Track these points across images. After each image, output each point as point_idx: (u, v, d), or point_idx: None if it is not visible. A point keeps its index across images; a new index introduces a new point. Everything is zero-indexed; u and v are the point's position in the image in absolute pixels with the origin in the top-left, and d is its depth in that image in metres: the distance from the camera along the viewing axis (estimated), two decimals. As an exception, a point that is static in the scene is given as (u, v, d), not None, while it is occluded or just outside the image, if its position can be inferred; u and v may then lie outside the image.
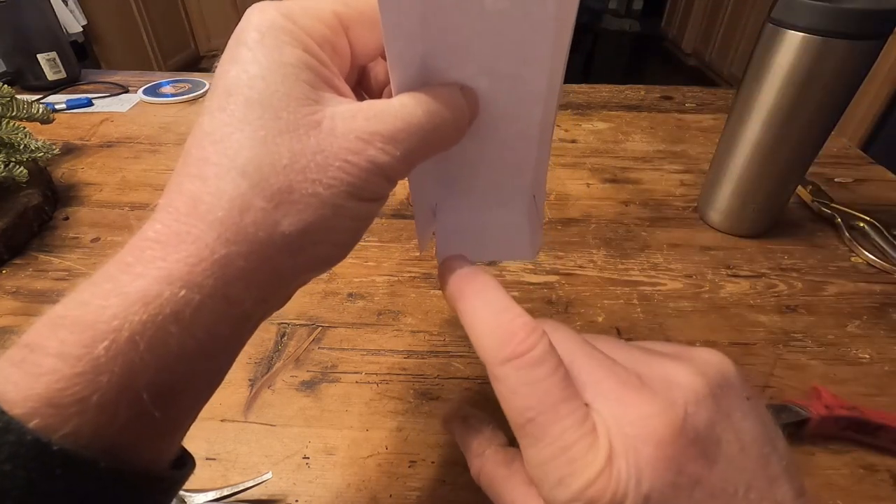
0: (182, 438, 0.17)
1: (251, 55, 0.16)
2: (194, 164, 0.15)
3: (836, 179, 0.57)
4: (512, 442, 0.20)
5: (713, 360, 0.18)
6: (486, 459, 0.20)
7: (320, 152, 0.15)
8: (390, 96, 0.18)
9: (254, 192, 0.15)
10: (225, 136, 0.15)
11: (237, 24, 0.17)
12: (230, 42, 0.17)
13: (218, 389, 0.17)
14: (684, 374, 0.17)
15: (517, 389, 0.16)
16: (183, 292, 0.14)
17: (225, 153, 0.15)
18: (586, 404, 0.16)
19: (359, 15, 0.18)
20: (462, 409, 0.23)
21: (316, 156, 0.15)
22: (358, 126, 0.16)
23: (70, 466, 0.12)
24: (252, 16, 0.16)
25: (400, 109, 0.17)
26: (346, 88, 0.18)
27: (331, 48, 0.17)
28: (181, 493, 0.27)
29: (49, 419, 0.12)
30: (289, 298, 0.18)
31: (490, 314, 0.17)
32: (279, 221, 0.15)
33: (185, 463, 0.17)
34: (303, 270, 0.17)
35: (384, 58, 0.20)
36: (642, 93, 0.77)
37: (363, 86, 0.22)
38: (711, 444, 0.16)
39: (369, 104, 0.16)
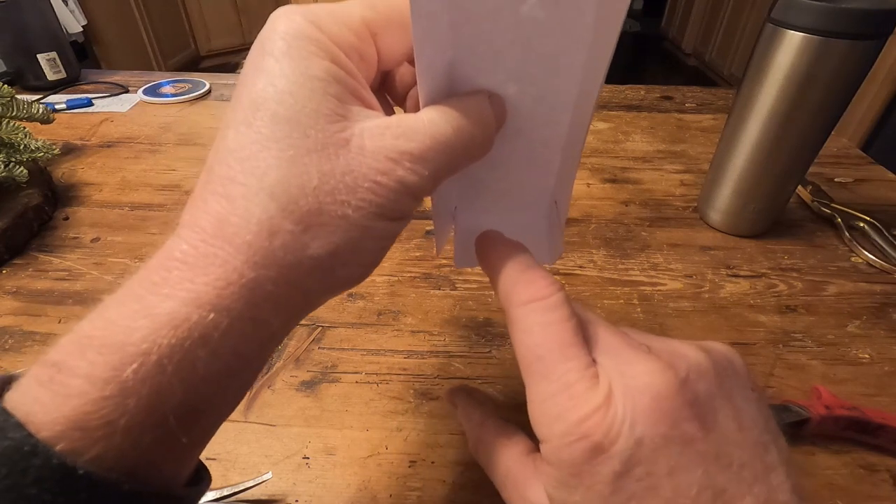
0: (196, 458, 0.16)
1: (278, 67, 0.15)
2: (219, 182, 0.15)
3: (836, 179, 0.57)
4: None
5: (722, 348, 0.19)
6: (486, 429, 0.21)
7: (349, 173, 0.15)
8: (416, 102, 0.18)
9: (283, 216, 0.14)
10: (252, 154, 0.15)
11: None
12: (254, 49, 0.16)
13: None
14: (690, 350, 0.17)
15: (531, 329, 0.17)
16: (211, 316, 0.14)
17: (252, 173, 0.14)
18: (594, 360, 0.17)
19: (387, 20, 0.17)
20: (467, 385, 0.24)
21: (345, 176, 0.15)
22: (387, 145, 0.15)
23: (94, 490, 0.12)
24: (278, 23, 0.16)
25: (429, 126, 0.16)
26: (373, 98, 0.17)
27: (358, 56, 0.17)
28: (181, 493, 0.27)
29: (75, 443, 0.12)
30: (306, 315, 0.18)
31: (516, 268, 0.18)
32: (308, 244, 0.15)
33: (201, 478, 0.17)
34: (329, 290, 0.17)
35: (410, 62, 0.19)
36: (642, 93, 0.77)
37: (387, 88, 0.21)
38: (709, 413, 0.16)
39: (397, 120, 0.16)
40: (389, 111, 0.19)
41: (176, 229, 0.15)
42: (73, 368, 0.13)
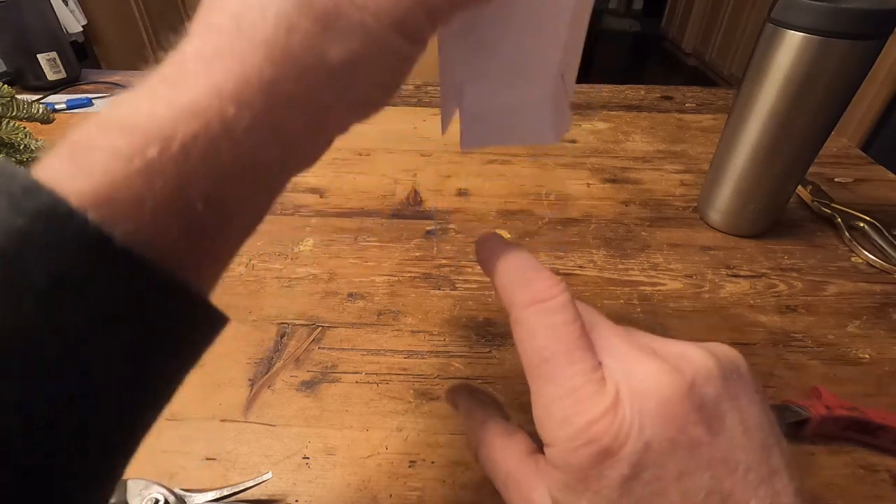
0: (219, 278, 0.16)
1: None
2: None
3: (836, 179, 0.57)
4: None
5: (728, 351, 0.18)
6: (488, 429, 0.21)
7: None
8: None
9: (300, 13, 0.14)
10: None
11: None
12: None
13: (217, 390, 0.17)
14: (697, 353, 0.17)
15: (536, 331, 0.17)
16: (232, 110, 0.13)
17: None
18: (600, 362, 0.17)
19: None
20: (468, 385, 0.24)
21: None
22: None
23: (132, 264, 0.11)
24: None
25: None
26: None
27: None
28: (180, 492, 0.27)
29: (105, 215, 0.11)
30: (324, 152, 0.17)
31: (519, 269, 0.18)
32: (327, 49, 0.14)
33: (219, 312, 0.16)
34: (348, 109, 0.16)
35: None
36: (642, 93, 0.77)
37: None
38: (716, 418, 0.16)
39: None
40: None
41: (187, 33, 0.14)
42: (96, 145, 0.12)
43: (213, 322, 0.15)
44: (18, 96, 0.52)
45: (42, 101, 0.71)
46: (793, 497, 0.16)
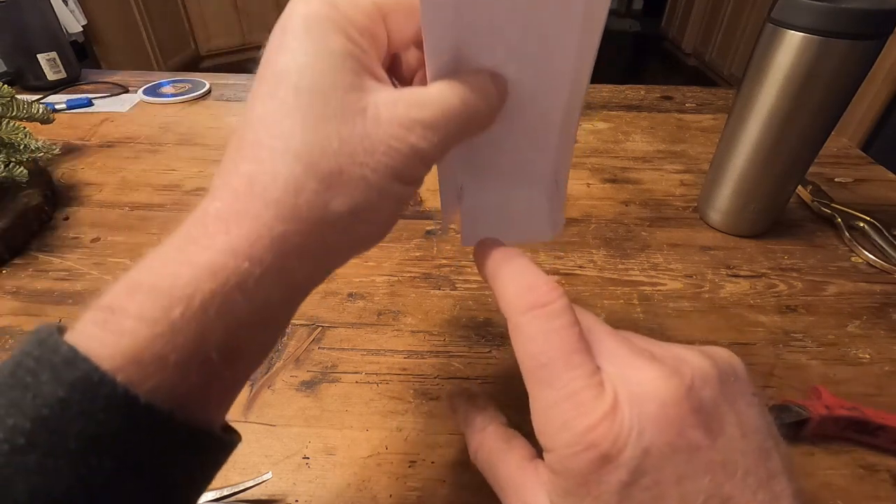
0: (232, 402, 0.17)
1: (298, 44, 0.16)
2: (249, 147, 0.16)
3: (836, 179, 0.57)
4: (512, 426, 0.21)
5: (724, 354, 0.19)
6: (487, 434, 0.21)
7: (367, 138, 0.16)
8: (421, 82, 0.19)
9: (307, 175, 0.16)
10: (277, 121, 0.16)
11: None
12: (275, 31, 0.17)
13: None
14: (694, 356, 0.18)
15: (535, 336, 0.17)
16: (246, 265, 0.15)
17: (279, 137, 0.16)
18: (598, 367, 0.17)
19: (395, 5, 0.18)
20: (467, 390, 0.24)
21: (363, 141, 0.16)
22: (400, 113, 0.17)
23: (153, 418, 0.14)
24: (297, 5, 0.17)
25: (438, 97, 0.17)
26: (384, 75, 0.18)
27: (370, 37, 0.18)
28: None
29: (132, 375, 0.13)
30: (330, 273, 0.19)
31: (518, 274, 0.19)
32: (330, 202, 0.16)
33: (231, 433, 0.18)
34: (349, 248, 0.18)
35: (416, 46, 0.21)
36: (642, 93, 0.77)
37: (394, 71, 0.22)
38: (714, 421, 0.16)
39: (409, 92, 0.17)
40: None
41: (209, 190, 0.16)
42: (126, 310, 0.14)
43: (227, 447, 0.17)
44: (18, 96, 0.52)
45: (42, 101, 0.71)
46: (792, 500, 0.16)
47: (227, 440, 0.17)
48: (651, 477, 0.15)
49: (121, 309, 0.14)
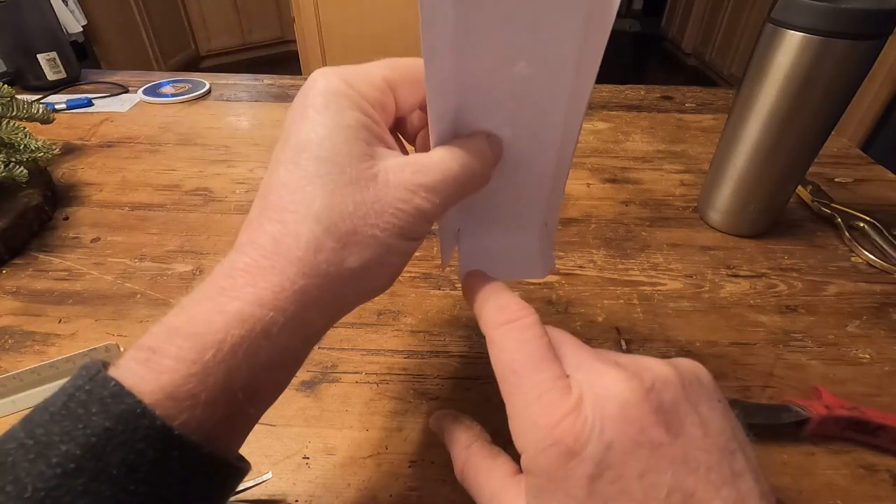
0: (248, 434, 0.19)
1: (319, 118, 0.19)
2: (274, 209, 0.18)
3: (836, 179, 0.57)
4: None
5: (689, 364, 0.20)
6: (472, 451, 0.22)
7: (377, 201, 0.18)
8: (424, 141, 0.22)
9: (326, 235, 0.18)
10: (300, 187, 0.18)
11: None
12: (297, 100, 0.20)
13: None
14: (656, 363, 0.19)
15: (506, 346, 0.20)
16: (271, 315, 0.17)
17: (301, 202, 0.18)
18: (566, 373, 0.19)
19: (403, 78, 0.21)
20: (452, 411, 0.25)
21: (374, 204, 0.18)
22: (406, 178, 0.19)
23: (184, 449, 0.15)
24: (318, 81, 0.19)
25: (439, 163, 0.20)
26: (392, 140, 0.21)
27: (381, 107, 0.20)
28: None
29: (168, 410, 0.15)
30: (340, 319, 0.21)
31: (493, 296, 0.21)
32: (345, 259, 0.18)
33: (243, 460, 0.20)
34: (360, 297, 0.20)
35: (420, 109, 0.24)
36: (642, 93, 0.77)
37: (400, 130, 0.25)
38: (675, 420, 0.17)
39: (415, 159, 0.20)
40: (402, 148, 0.23)
41: (236, 246, 0.18)
42: (166, 351, 0.16)
43: (241, 474, 0.19)
44: (18, 96, 0.52)
45: (42, 101, 0.71)
46: (759, 500, 0.17)
47: (241, 468, 0.19)
48: (615, 471, 0.16)
49: (161, 350, 0.16)
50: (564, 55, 0.19)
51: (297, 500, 0.28)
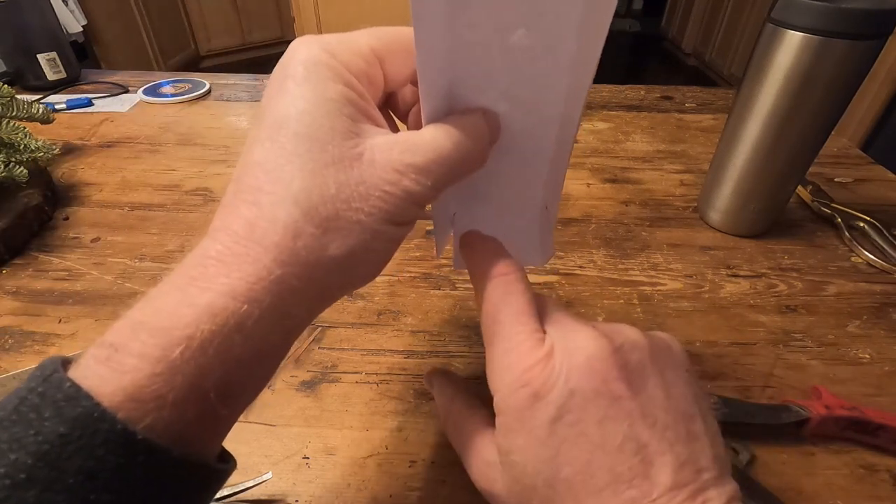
0: (226, 436, 0.18)
1: (299, 90, 0.17)
2: (249, 190, 0.17)
3: (836, 179, 0.57)
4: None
5: (665, 336, 0.21)
6: (455, 402, 0.24)
7: (362, 183, 0.17)
8: (417, 118, 0.20)
9: (305, 220, 0.16)
10: (277, 166, 0.17)
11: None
12: (276, 73, 0.18)
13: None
14: (631, 330, 0.20)
15: (493, 298, 0.21)
16: (245, 307, 0.15)
17: (278, 182, 0.16)
18: (543, 329, 0.20)
19: (392, 48, 0.19)
20: (444, 369, 0.27)
21: (359, 186, 0.17)
22: (394, 158, 0.17)
23: (150, 454, 0.14)
24: (298, 51, 0.18)
25: (431, 142, 0.18)
26: (381, 117, 0.19)
27: (367, 80, 0.19)
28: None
29: (131, 412, 0.14)
30: (324, 310, 0.19)
31: (488, 253, 0.22)
32: (327, 245, 0.17)
33: (227, 460, 0.19)
34: (344, 286, 0.19)
35: (412, 83, 0.21)
36: (642, 93, 0.77)
37: (391, 106, 0.23)
38: (637, 379, 0.18)
39: (404, 137, 0.18)
40: (393, 126, 0.21)
41: (209, 232, 0.17)
42: (128, 349, 0.14)
43: (222, 475, 0.18)
44: (18, 96, 0.52)
45: (42, 101, 0.71)
46: (711, 461, 0.17)
47: (221, 469, 0.17)
48: (575, 415, 0.17)
49: (123, 347, 0.15)
50: (566, 23, 0.17)
51: (297, 500, 0.28)
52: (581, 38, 0.17)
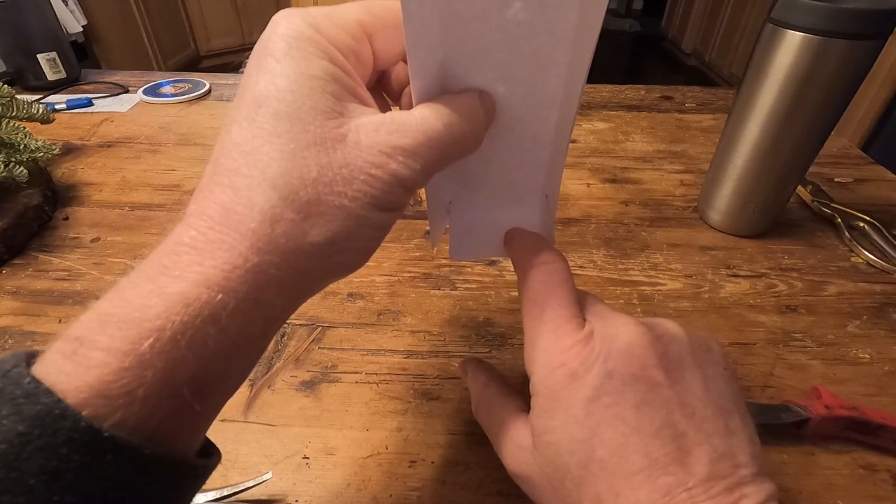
0: (206, 431, 0.17)
1: (279, 67, 0.16)
2: (225, 173, 0.16)
3: (836, 179, 0.57)
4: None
5: (704, 333, 0.21)
6: (489, 389, 0.24)
7: (346, 166, 0.16)
8: (410, 98, 0.19)
9: (284, 205, 0.15)
10: (255, 147, 0.15)
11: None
12: (257, 49, 0.17)
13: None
14: (672, 324, 0.20)
15: (534, 283, 0.21)
16: (220, 297, 0.14)
17: (256, 165, 0.15)
18: (583, 315, 0.20)
19: (381, 23, 0.18)
20: (478, 358, 0.28)
21: (342, 169, 0.16)
22: (381, 140, 0.16)
23: (118, 452, 0.13)
24: (279, 24, 0.17)
25: (421, 123, 0.17)
26: (368, 96, 0.18)
27: (354, 57, 0.18)
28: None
29: (99, 409, 0.13)
30: (307, 300, 0.19)
31: (532, 244, 0.23)
32: (307, 232, 0.16)
33: (211, 453, 0.18)
34: (327, 275, 0.18)
35: (405, 61, 0.20)
36: (642, 93, 0.77)
37: (383, 86, 0.22)
38: (676, 369, 0.18)
39: (391, 117, 0.17)
40: (385, 108, 0.20)
41: (183, 217, 0.16)
42: (95, 342, 0.14)
43: (203, 471, 0.17)
44: (18, 96, 0.52)
45: (42, 101, 0.71)
46: (748, 458, 0.17)
47: (201, 465, 0.16)
48: (612, 397, 0.17)
49: (89, 340, 0.14)
50: None
51: (297, 500, 0.28)
52: (582, 9, 0.16)
